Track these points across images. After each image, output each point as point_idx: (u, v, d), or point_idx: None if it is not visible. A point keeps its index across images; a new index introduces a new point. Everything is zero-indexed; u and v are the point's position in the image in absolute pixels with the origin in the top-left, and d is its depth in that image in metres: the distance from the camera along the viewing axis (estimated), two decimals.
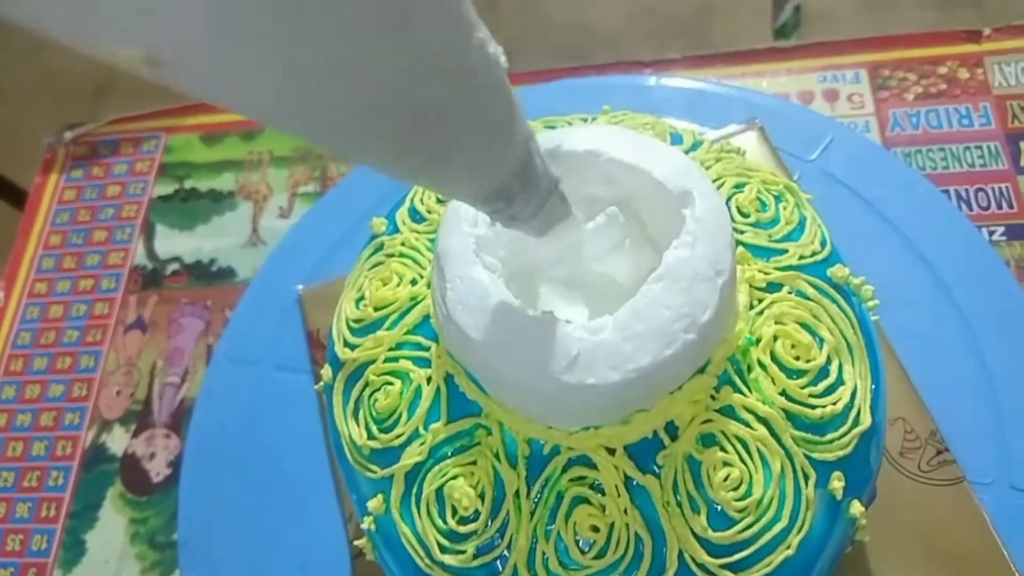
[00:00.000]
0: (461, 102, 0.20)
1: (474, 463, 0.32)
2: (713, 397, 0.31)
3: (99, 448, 0.56)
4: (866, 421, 0.32)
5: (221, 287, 0.60)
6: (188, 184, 0.65)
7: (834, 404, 0.32)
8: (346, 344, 0.36)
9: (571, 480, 0.31)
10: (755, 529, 0.30)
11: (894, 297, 0.44)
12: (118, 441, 0.56)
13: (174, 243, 0.63)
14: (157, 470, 0.54)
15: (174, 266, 0.62)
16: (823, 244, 0.35)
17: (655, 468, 0.31)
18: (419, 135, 0.20)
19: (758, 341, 0.32)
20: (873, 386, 0.33)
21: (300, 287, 0.51)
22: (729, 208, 0.35)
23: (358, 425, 0.34)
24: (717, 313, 0.29)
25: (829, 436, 0.32)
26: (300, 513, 0.46)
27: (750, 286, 0.33)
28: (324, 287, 0.49)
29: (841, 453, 0.32)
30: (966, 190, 0.55)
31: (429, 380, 0.33)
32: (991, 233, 0.53)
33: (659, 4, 1.26)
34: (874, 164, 0.50)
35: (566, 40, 1.25)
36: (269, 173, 0.64)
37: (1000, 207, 0.54)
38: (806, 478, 0.31)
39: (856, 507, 0.32)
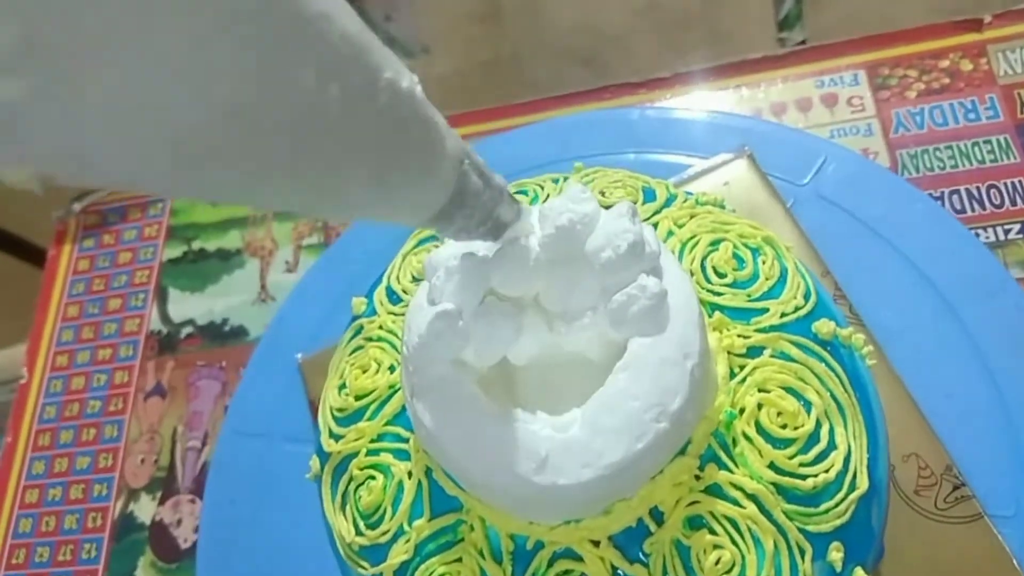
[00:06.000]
0: (375, 141, 0.21)
1: (459, 560, 0.31)
2: (698, 477, 0.30)
3: (128, 517, 0.57)
4: (863, 484, 0.31)
5: (234, 346, 0.60)
6: (196, 245, 0.66)
7: (827, 471, 0.31)
8: (331, 435, 0.36)
9: (558, 574, 0.30)
10: None
11: (899, 323, 0.43)
12: (145, 509, 0.57)
13: (186, 306, 0.64)
14: (184, 536, 0.55)
15: (188, 329, 0.62)
16: (807, 297, 0.34)
17: (642, 556, 0.30)
18: (341, 171, 0.21)
19: (741, 412, 0.31)
20: (870, 444, 0.32)
21: (300, 355, 0.51)
22: (704, 269, 0.34)
23: (346, 520, 0.34)
24: (689, 397, 0.28)
25: (824, 506, 0.30)
26: None
27: (729, 353, 0.32)
28: (324, 354, 0.48)
29: (838, 522, 0.30)
30: (977, 188, 0.52)
31: (410, 474, 0.33)
32: (1007, 232, 0.51)
33: None
34: (870, 182, 0.48)
35: (574, 42, 1.23)
36: (273, 227, 0.64)
37: (1014, 203, 0.51)
38: (802, 553, 0.30)
39: (859, 574, 0.31)
